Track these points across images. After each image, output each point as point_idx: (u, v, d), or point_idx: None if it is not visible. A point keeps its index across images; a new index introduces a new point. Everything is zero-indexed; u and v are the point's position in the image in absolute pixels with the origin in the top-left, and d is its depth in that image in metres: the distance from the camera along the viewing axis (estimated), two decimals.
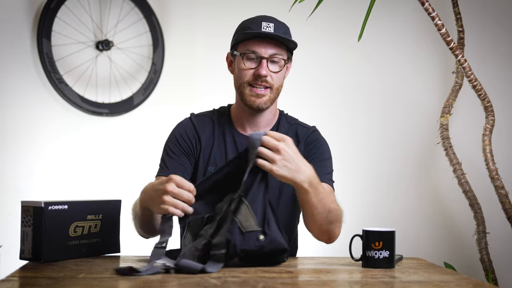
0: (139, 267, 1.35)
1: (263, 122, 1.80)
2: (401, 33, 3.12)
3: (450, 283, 1.31)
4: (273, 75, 1.72)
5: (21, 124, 2.71)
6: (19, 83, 2.70)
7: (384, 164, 3.09)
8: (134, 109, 2.98)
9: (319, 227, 1.61)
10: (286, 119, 1.85)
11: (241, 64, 1.73)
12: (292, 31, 1.77)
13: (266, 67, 1.70)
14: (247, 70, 1.72)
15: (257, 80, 1.71)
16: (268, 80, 1.71)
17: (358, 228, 1.59)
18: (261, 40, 1.71)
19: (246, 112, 1.78)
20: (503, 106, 2.91)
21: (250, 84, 1.72)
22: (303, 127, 1.85)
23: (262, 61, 1.70)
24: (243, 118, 1.80)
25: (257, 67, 1.71)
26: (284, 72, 1.77)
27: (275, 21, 1.74)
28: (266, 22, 1.71)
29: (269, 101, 1.74)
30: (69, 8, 2.82)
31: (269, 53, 1.71)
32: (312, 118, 3.02)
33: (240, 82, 1.74)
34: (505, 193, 2.64)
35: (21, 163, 2.70)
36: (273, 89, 1.74)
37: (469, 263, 2.93)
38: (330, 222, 1.60)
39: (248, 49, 1.72)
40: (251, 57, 1.72)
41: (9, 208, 2.56)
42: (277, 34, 1.70)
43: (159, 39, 3.04)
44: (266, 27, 1.70)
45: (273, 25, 1.71)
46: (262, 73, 1.70)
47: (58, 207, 1.50)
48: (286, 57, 1.75)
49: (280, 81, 1.75)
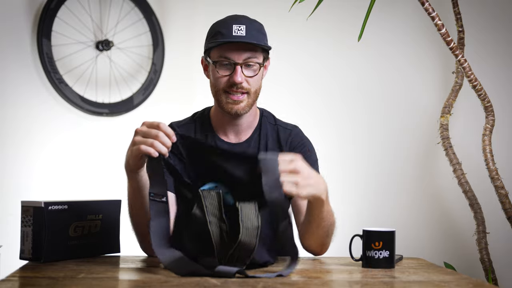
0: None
1: (245, 125, 1.77)
2: (401, 33, 3.12)
3: (450, 283, 1.31)
4: (249, 80, 1.68)
5: (21, 124, 2.71)
6: (19, 83, 2.70)
7: (384, 164, 3.09)
8: (134, 109, 2.98)
9: (317, 239, 1.61)
10: (267, 120, 1.81)
11: (215, 72, 1.69)
12: (292, 31, 1.77)
13: (240, 73, 1.66)
14: (222, 77, 1.68)
15: (233, 87, 1.67)
16: (244, 86, 1.67)
17: (358, 228, 1.59)
18: (234, 44, 1.66)
19: (226, 117, 1.74)
20: (503, 106, 2.91)
21: (226, 91, 1.68)
22: (285, 129, 1.80)
23: (236, 68, 1.65)
24: (224, 123, 1.76)
25: (232, 74, 1.66)
26: (261, 74, 1.73)
27: (247, 22, 1.68)
28: (237, 24, 1.66)
29: (247, 106, 1.70)
30: (69, 8, 2.82)
31: (242, 58, 1.66)
32: (312, 118, 3.04)
33: (216, 89, 1.70)
34: (505, 193, 2.64)
35: (21, 163, 2.70)
36: (250, 93, 1.69)
37: (469, 263, 2.93)
38: (328, 235, 1.61)
39: (221, 55, 1.67)
40: (225, 63, 1.67)
41: (9, 208, 2.56)
42: (249, 41, 1.64)
43: (159, 39, 3.05)
44: (238, 30, 1.65)
45: (244, 27, 1.65)
46: (237, 80, 1.65)
47: (58, 207, 1.50)
48: (261, 59, 1.70)
49: (258, 83, 1.71)
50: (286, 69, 3.12)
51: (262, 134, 1.78)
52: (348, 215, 2.81)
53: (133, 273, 1.41)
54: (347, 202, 2.94)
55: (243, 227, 1.36)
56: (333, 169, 2.69)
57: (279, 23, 3.06)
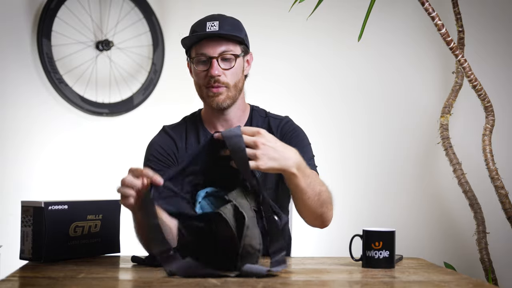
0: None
1: (234, 120, 1.79)
2: (401, 33, 3.12)
3: (450, 283, 1.31)
4: (226, 73, 1.71)
5: (21, 124, 2.71)
6: (19, 83, 2.70)
7: (384, 164, 3.09)
8: (134, 109, 2.98)
9: (311, 211, 1.59)
10: (258, 113, 1.84)
11: (195, 69, 1.73)
12: (292, 31, 1.77)
13: (217, 67, 1.69)
14: (200, 73, 1.72)
15: (210, 81, 1.70)
16: (221, 80, 1.70)
17: (358, 228, 1.59)
18: (209, 40, 1.70)
19: (214, 112, 1.78)
20: (503, 106, 2.91)
21: (206, 86, 1.72)
22: (276, 119, 1.83)
23: (212, 61, 1.69)
24: (212, 118, 1.79)
25: (208, 68, 1.70)
26: (241, 66, 1.75)
27: (221, 18, 1.73)
28: (210, 21, 1.71)
29: (227, 98, 1.72)
30: (69, 8, 2.82)
31: (217, 52, 1.70)
32: (312, 118, 3.04)
33: (198, 86, 1.75)
34: (505, 193, 2.63)
35: (21, 163, 2.70)
36: (229, 87, 1.72)
37: (469, 263, 2.93)
38: (321, 205, 1.58)
39: (198, 52, 1.72)
40: (202, 59, 1.71)
41: (9, 208, 2.55)
42: (220, 32, 1.68)
43: (159, 39, 3.05)
44: (211, 26, 1.70)
45: (217, 23, 1.71)
46: (214, 73, 1.69)
47: (58, 207, 1.50)
48: (239, 51, 1.73)
49: (237, 76, 1.73)
50: (286, 69, 3.12)
51: (253, 126, 1.79)
52: (348, 215, 2.82)
53: (133, 273, 1.41)
54: (347, 202, 2.94)
55: (247, 218, 1.33)
56: (333, 169, 2.69)
57: (279, 23, 3.06)
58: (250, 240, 1.32)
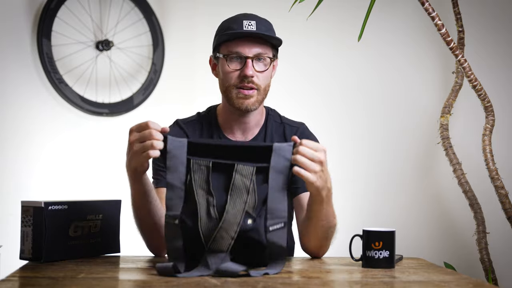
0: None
1: (252, 123, 1.76)
2: (401, 33, 3.12)
3: (450, 283, 1.31)
4: (259, 75, 1.67)
5: (21, 124, 2.71)
6: (19, 83, 2.70)
7: (384, 164, 3.09)
8: (134, 109, 2.98)
9: (316, 238, 1.59)
10: (273, 118, 1.81)
11: (226, 67, 1.68)
12: (292, 31, 1.77)
13: (251, 67, 1.66)
14: (232, 72, 1.67)
15: (243, 81, 1.66)
16: (254, 81, 1.66)
17: (358, 228, 1.59)
18: (244, 39, 1.66)
19: (234, 115, 1.73)
20: (503, 106, 2.91)
21: (237, 86, 1.67)
22: (291, 126, 1.81)
23: (247, 61, 1.65)
24: (231, 121, 1.75)
25: (242, 67, 1.66)
26: (271, 71, 1.73)
27: (257, 19, 1.69)
28: (247, 20, 1.67)
29: (257, 102, 1.69)
30: (69, 8, 2.82)
31: (253, 52, 1.66)
32: (312, 118, 3.03)
33: (226, 85, 1.69)
34: (505, 193, 2.64)
35: (21, 163, 2.70)
36: (260, 90, 1.69)
37: (469, 263, 2.93)
38: (327, 237, 1.59)
39: (231, 50, 1.67)
40: (235, 57, 1.67)
41: (9, 208, 2.56)
42: (260, 32, 1.65)
43: (159, 39, 3.05)
44: (248, 25, 1.66)
45: (254, 22, 1.66)
46: (248, 73, 1.65)
47: (58, 207, 1.50)
48: (271, 54, 1.71)
49: (267, 80, 1.71)
50: (286, 69, 3.11)
51: (268, 132, 1.78)
52: (348, 215, 2.81)
53: (133, 273, 1.41)
54: (347, 202, 2.93)
55: (230, 199, 1.35)
56: (333, 169, 2.69)
57: (279, 23, 3.03)
58: (227, 225, 1.34)
